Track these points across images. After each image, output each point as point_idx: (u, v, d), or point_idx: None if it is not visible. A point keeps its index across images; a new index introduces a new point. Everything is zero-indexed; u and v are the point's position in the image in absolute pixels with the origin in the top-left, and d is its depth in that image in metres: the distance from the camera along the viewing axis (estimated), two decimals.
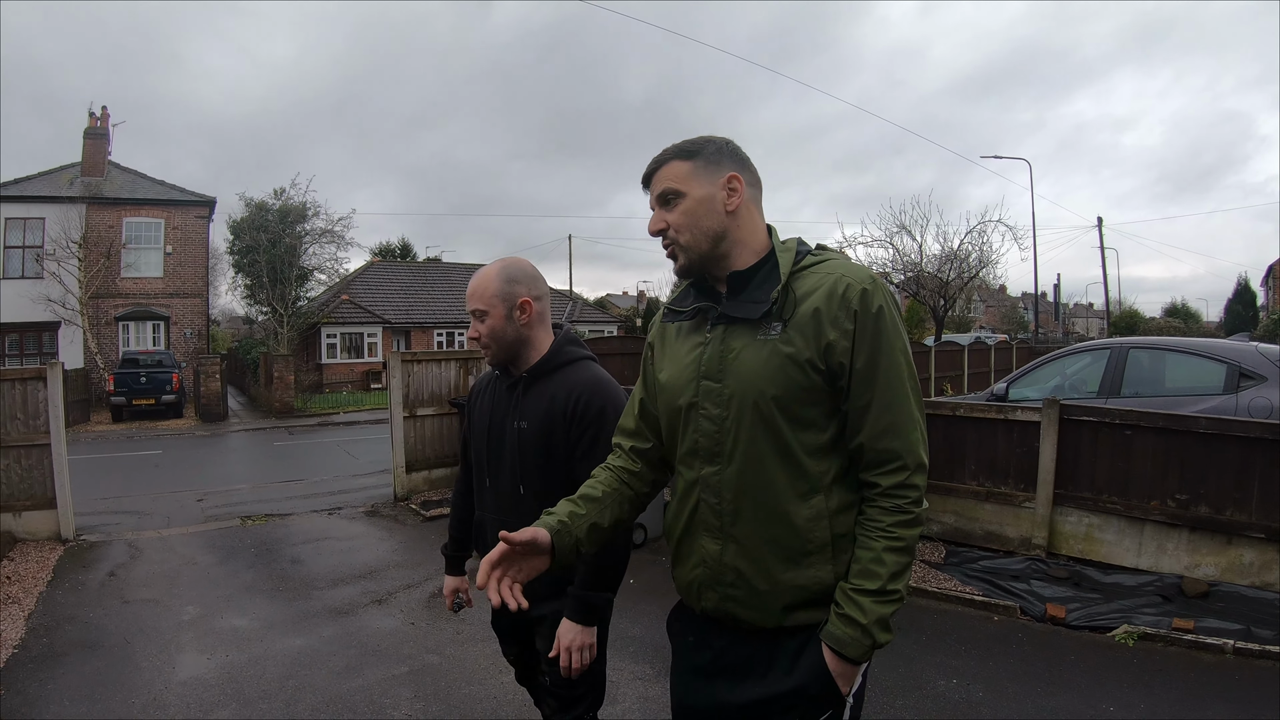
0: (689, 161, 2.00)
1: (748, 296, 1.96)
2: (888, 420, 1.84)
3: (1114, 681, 4.66)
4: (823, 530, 1.88)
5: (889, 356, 1.85)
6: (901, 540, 1.83)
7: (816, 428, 1.89)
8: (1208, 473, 6.05)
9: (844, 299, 1.85)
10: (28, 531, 8.28)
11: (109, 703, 4.63)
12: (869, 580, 1.83)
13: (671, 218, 2.00)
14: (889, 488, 1.85)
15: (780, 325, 1.90)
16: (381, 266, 44.06)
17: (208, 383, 24.16)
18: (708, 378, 1.97)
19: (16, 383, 8.31)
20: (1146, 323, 48.85)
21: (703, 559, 2.01)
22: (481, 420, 2.82)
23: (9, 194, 27.90)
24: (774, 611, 1.91)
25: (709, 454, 1.97)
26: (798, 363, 1.86)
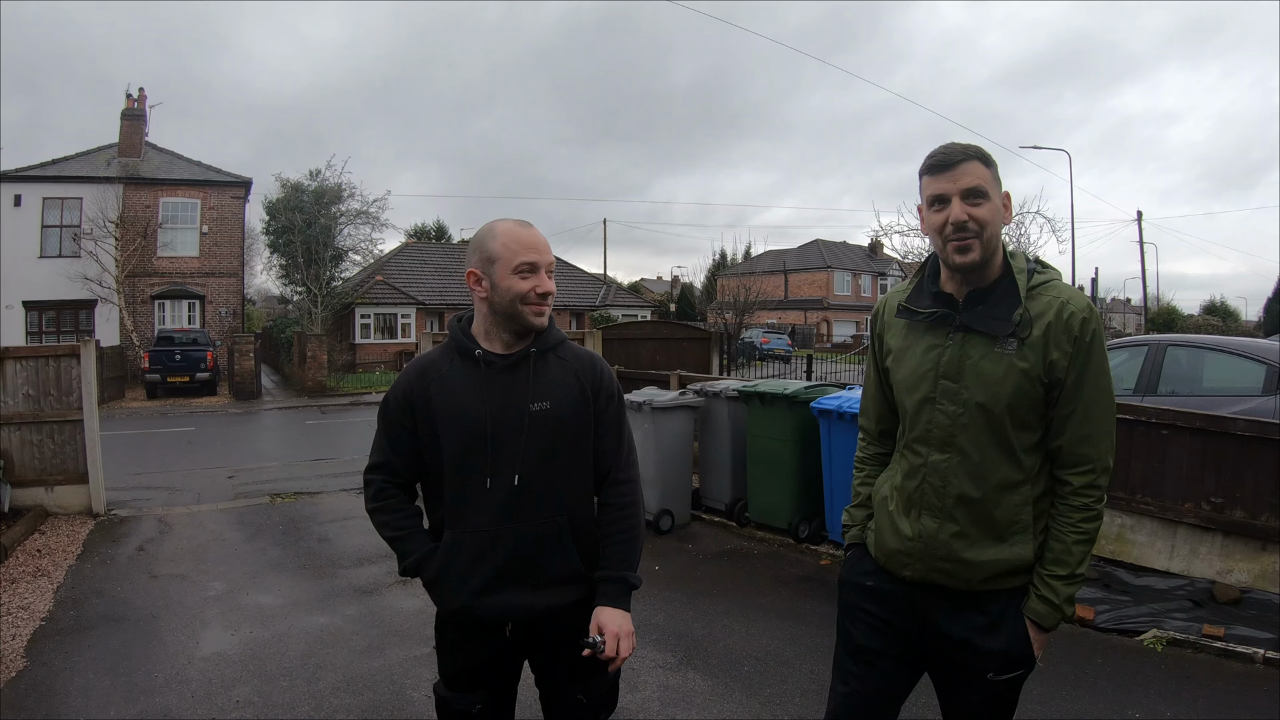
0: (989, 169, 2.19)
1: (988, 311, 2.20)
2: (1087, 429, 2.15)
3: (1140, 687, 4.58)
4: (1027, 514, 2.20)
5: (1095, 376, 2.15)
6: (1087, 534, 2.17)
7: (1031, 429, 2.19)
8: (1244, 476, 5.92)
9: (1067, 325, 2.13)
10: (59, 505, 8.39)
11: (132, 675, 4.68)
12: (1060, 567, 2.17)
13: (978, 213, 2.16)
14: (1080, 487, 2.17)
15: (1017, 342, 2.15)
16: (416, 248, 44.32)
17: (242, 361, 24.42)
18: (946, 378, 2.23)
19: (51, 359, 8.42)
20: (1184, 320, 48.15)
21: (919, 534, 2.26)
22: (470, 409, 2.34)
23: (47, 174, 28.32)
24: (976, 579, 2.20)
25: (941, 443, 2.24)
26: (1029, 376, 2.14)
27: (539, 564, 2.34)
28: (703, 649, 5.10)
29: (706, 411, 8.18)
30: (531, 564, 2.33)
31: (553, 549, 2.35)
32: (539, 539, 2.34)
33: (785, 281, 61.47)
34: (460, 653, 2.44)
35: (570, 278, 43.37)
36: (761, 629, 5.42)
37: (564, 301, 40.57)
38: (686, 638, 5.28)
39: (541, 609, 2.35)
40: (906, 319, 2.36)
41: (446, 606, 2.40)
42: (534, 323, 2.36)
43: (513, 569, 2.32)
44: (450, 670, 2.49)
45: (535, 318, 2.36)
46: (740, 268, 59.26)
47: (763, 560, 7.03)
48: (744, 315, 34.96)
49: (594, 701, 2.47)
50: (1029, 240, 29.89)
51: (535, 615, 2.35)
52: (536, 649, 2.45)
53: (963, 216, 2.15)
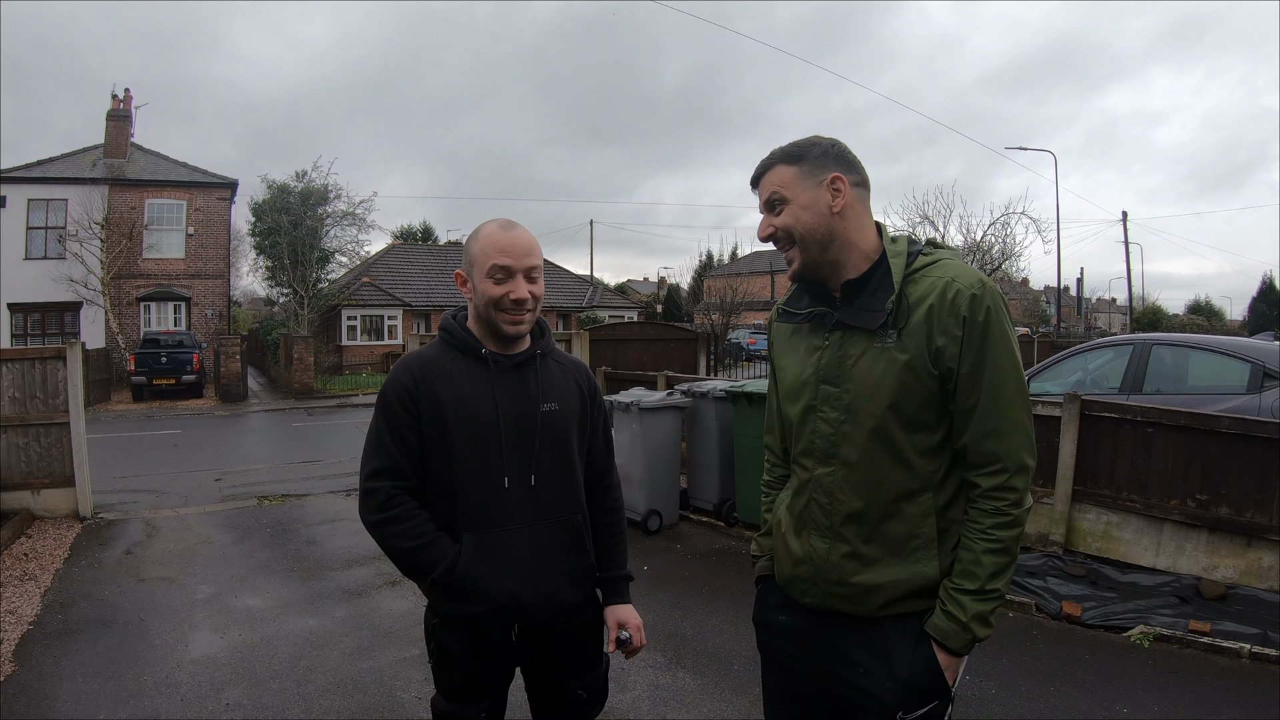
0: (794, 166, 2.03)
1: (863, 304, 2.00)
2: (991, 423, 1.91)
3: (1128, 682, 4.61)
4: (929, 526, 1.96)
5: (994, 361, 1.91)
6: (999, 542, 1.90)
7: (929, 429, 1.96)
8: (1229, 473, 5.97)
9: (953, 305, 1.90)
10: (46, 509, 8.35)
11: (121, 679, 4.66)
12: (969, 580, 1.91)
13: (778, 222, 2.04)
14: (988, 489, 1.92)
15: (895, 333, 1.94)
16: (402, 249, 44.21)
17: (228, 363, 24.31)
18: (826, 382, 2.04)
19: (37, 362, 8.38)
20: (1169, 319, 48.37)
21: (809, 556, 2.07)
22: (482, 408, 2.29)
23: (32, 175, 28.15)
24: (875, 605, 1.98)
25: (824, 455, 2.04)
26: (913, 369, 1.92)
27: (559, 562, 2.35)
28: (692, 648, 5.11)
29: (694, 412, 8.20)
30: (552, 562, 2.33)
31: (572, 546, 2.38)
32: (560, 537, 2.35)
33: (772, 282, 61.48)
34: (461, 663, 2.36)
35: (557, 279, 43.33)
36: (750, 628, 5.41)
37: (550, 303, 40.51)
38: (676, 637, 5.29)
39: (559, 606, 2.36)
40: (787, 323, 2.22)
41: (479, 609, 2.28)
42: (506, 330, 2.29)
43: (537, 568, 2.30)
44: (453, 683, 2.39)
45: (508, 325, 2.28)
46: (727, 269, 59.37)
47: (751, 559, 7.03)
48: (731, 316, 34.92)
49: (593, 696, 2.49)
50: (1014, 240, 30.05)
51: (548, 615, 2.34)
52: (537, 649, 2.41)
53: (764, 230, 2.09)
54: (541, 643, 2.40)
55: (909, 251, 2.02)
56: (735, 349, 36.58)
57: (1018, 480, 1.91)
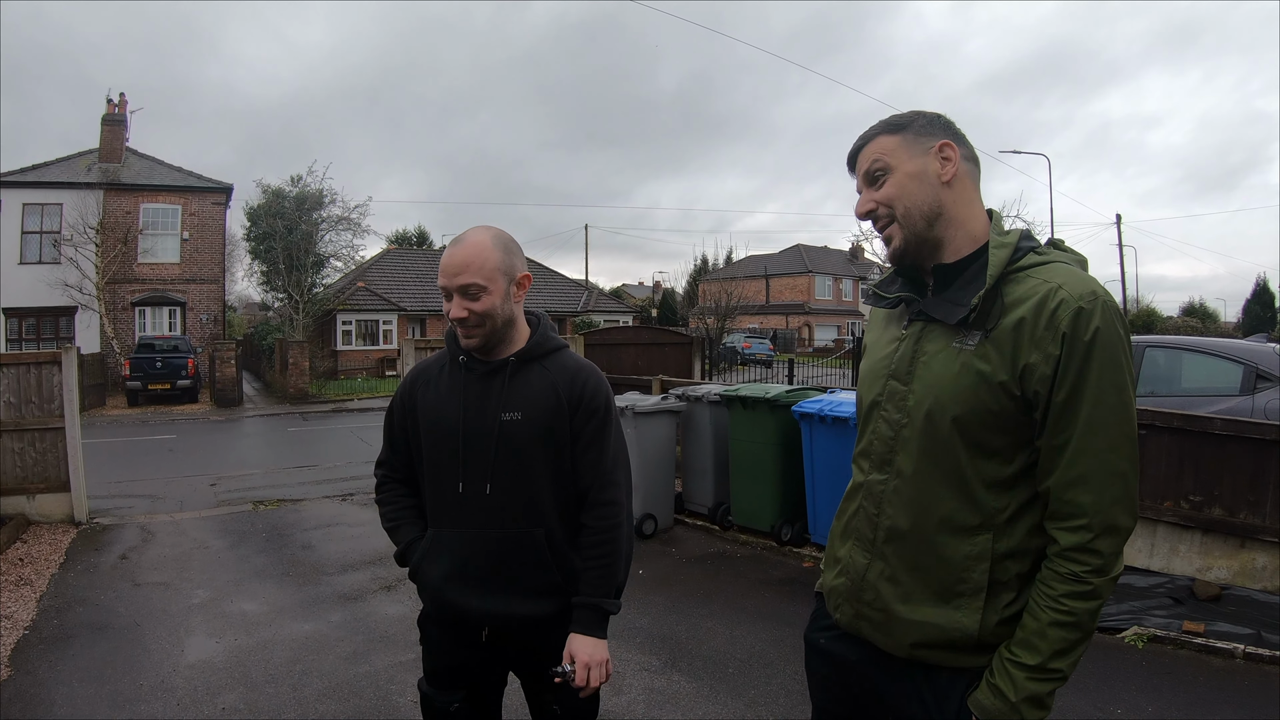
0: (897, 135, 1.80)
1: (951, 295, 1.75)
2: (1082, 468, 1.59)
3: (1122, 684, 4.63)
4: (980, 573, 1.68)
5: (1097, 393, 1.59)
6: (1072, 614, 1.59)
7: (1000, 458, 1.68)
8: (1222, 475, 6.00)
9: (1053, 316, 1.60)
10: (41, 514, 8.34)
11: (117, 684, 4.66)
12: (1028, 654, 1.62)
13: (880, 195, 1.80)
14: (1067, 548, 1.61)
15: (980, 335, 1.68)
16: (397, 254, 44.22)
17: (223, 368, 24.28)
18: (895, 378, 1.81)
19: (31, 366, 8.37)
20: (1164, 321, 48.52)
21: (847, 569, 1.87)
22: (446, 414, 2.35)
23: (27, 180, 28.11)
24: (903, 644, 1.76)
25: (880, 460, 1.83)
26: (990, 383, 1.65)
27: (515, 573, 2.32)
28: (687, 651, 5.12)
29: (689, 416, 8.21)
30: (507, 572, 2.31)
31: (529, 560, 2.32)
32: (515, 549, 2.31)
33: (767, 286, 61.63)
34: (439, 651, 2.47)
35: (551, 283, 43.38)
36: (745, 631, 5.44)
37: (545, 307, 40.53)
38: (671, 640, 5.29)
39: (519, 618, 2.33)
40: (876, 306, 2.00)
41: (425, 597, 2.45)
42: (464, 344, 2.36)
43: (487, 575, 2.31)
44: (431, 667, 2.51)
45: (464, 339, 2.34)
46: (722, 273, 59.51)
47: (746, 563, 7.05)
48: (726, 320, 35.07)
49: (569, 713, 2.45)
50: None
51: (511, 624, 2.34)
52: (519, 656, 2.44)
53: (864, 206, 1.84)
54: (516, 652, 2.43)
55: (1019, 246, 1.74)
56: (730, 353, 36.67)
57: (1104, 543, 1.59)
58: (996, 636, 1.69)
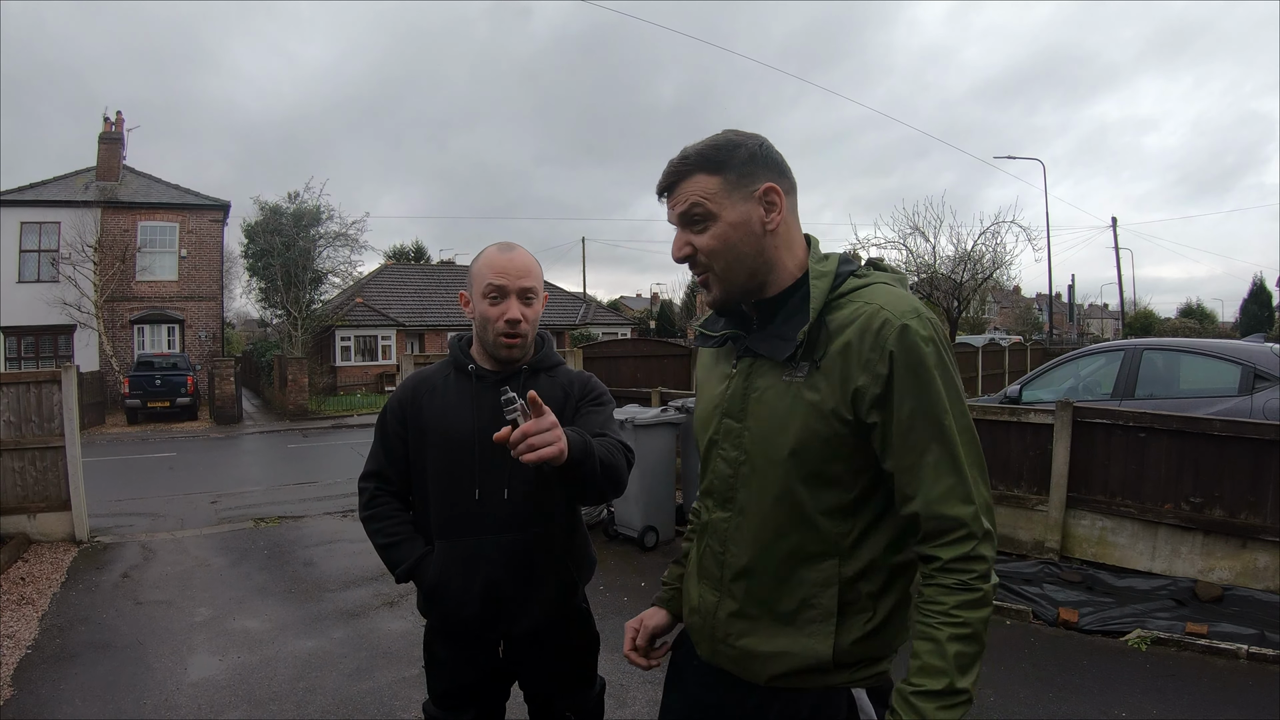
0: (717, 176, 1.68)
1: (776, 330, 1.71)
2: (945, 483, 1.55)
3: (1126, 686, 4.63)
4: (829, 598, 1.64)
5: (937, 406, 1.56)
6: (968, 626, 1.51)
7: (841, 486, 1.64)
8: (1222, 475, 6.01)
9: (878, 336, 1.57)
10: (42, 533, 8.33)
11: (121, 703, 4.65)
12: (932, 679, 1.49)
13: (701, 242, 1.70)
14: (950, 561, 1.54)
15: (808, 366, 1.64)
16: (395, 269, 44.28)
17: (222, 385, 24.27)
18: (729, 415, 1.76)
19: (31, 385, 8.37)
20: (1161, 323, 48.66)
21: (698, 608, 1.84)
22: (458, 423, 2.36)
23: (25, 198, 28.18)
24: (762, 676, 1.70)
25: (721, 498, 1.78)
26: (822, 412, 1.60)
27: (533, 576, 2.34)
28: None
29: (688, 428, 8.19)
30: (525, 577, 2.33)
31: (546, 563, 2.35)
32: (531, 552, 2.33)
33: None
34: (450, 671, 2.44)
35: (549, 297, 43.36)
36: None
37: (544, 321, 40.12)
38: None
39: (538, 624, 2.35)
40: (704, 345, 1.96)
41: (444, 614, 2.38)
42: (502, 354, 2.34)
43: (507, 581, 2.31)
44: (440, 689, 2.48)
45: (503, 349, 2.33)
46: None
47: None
48: None
49: (581, 718, 2.48)
50: (1005, 249, 30.11)
51: (532, 628, 2.35)
52: (528, 665, 2.45)
53: (681, 250, 1.72)
54: (528, 659, 2.43)
55: (838, 272, 1.70)
56: None
57: (985, 548, 1.55)
58: (852, 656, 1.65)
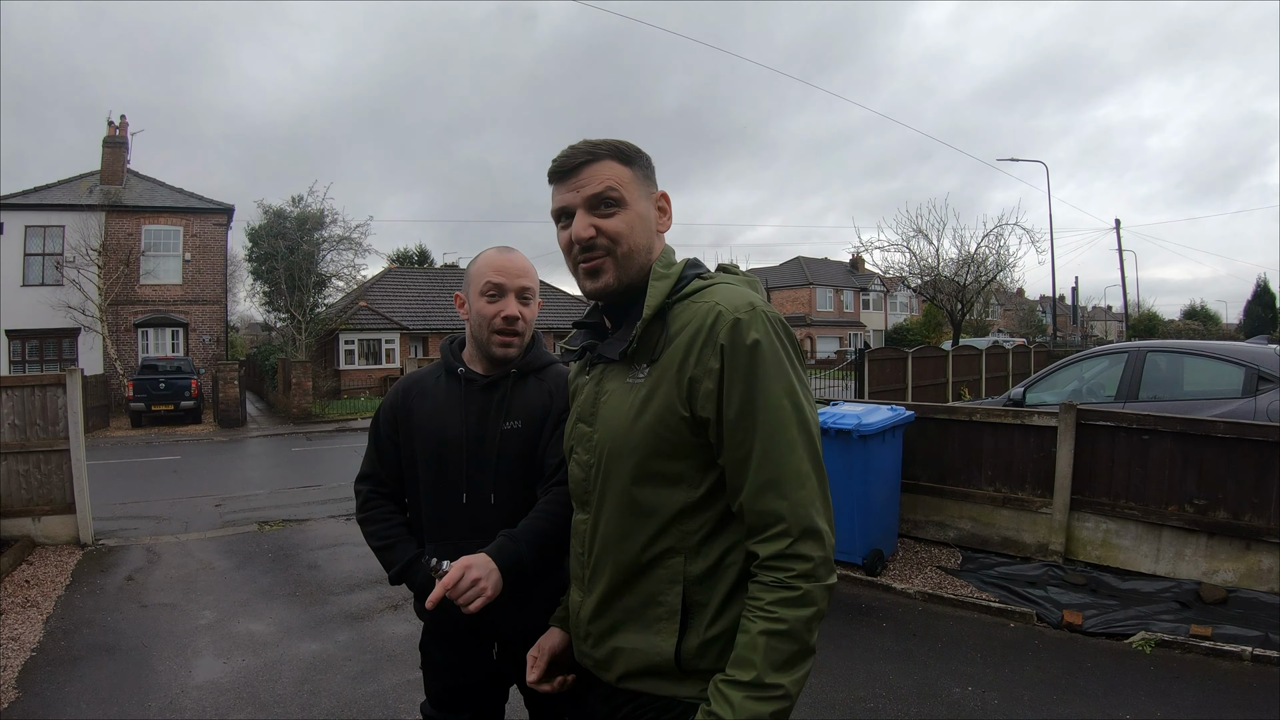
0: (629, 168, 1.76)
1: (621, 333, 1.77)
2: (767, 476, 1.55)
3: (1130, 689, 4.63)
4: (674, 596, 1.65)
5: (767, 399, 1.57)
6: (783, 622, 1.50)
7: (686, 483, 1.65)
8: (1226, 477, 6.00)
9: (711, 332, 1.59)
10: (46, 536, 8.34)
11: (125, 705, 4.66)
12: (742, 670, 1.51)
13: (609, 225, 1.72)
14: (767, 559, 1.54)
15: (647, 366, 1.68)
16: (399, 273, 44.27)
17: (226, 389, 24.30)
18: (582, 420, 1.83)
19: (36, 389, 8.38)
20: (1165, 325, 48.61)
21: (571, 608, 1.90)
22: (447, 425, 2.37)
23: (29, 202, 28.19)
24: (613, 674, 1.74)
25: (580, 501, 1.85)
26: (660, 410, 1.63)
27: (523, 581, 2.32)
28: None
29: None
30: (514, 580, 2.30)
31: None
32: None
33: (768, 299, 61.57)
34: (446, 672, 2.46)
35: (553, 300, 43.36)
36: None
37: (547, 324, 40.53)
38: None
39: (530, 625, 2.35)
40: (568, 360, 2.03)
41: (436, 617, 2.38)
42: (498, 353, 2.34)
43: None
44: (436, 690, 2.49)
45: (499, 348, 2.34)
46: None
47: None
48: None
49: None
50: (1008, 251, 30.14)
51: (524, 630, 2.32)
52: (522, 668, 2.44)
53: (587, 232, 1.72)
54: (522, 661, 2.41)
55: (683, 275, 1.76)
56: None
57: (805, 546, 1.53)
58: (701, 660, 1.64)
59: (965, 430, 7.41)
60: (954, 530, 7.42)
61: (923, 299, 32.30)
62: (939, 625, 5.70)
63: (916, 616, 5.87)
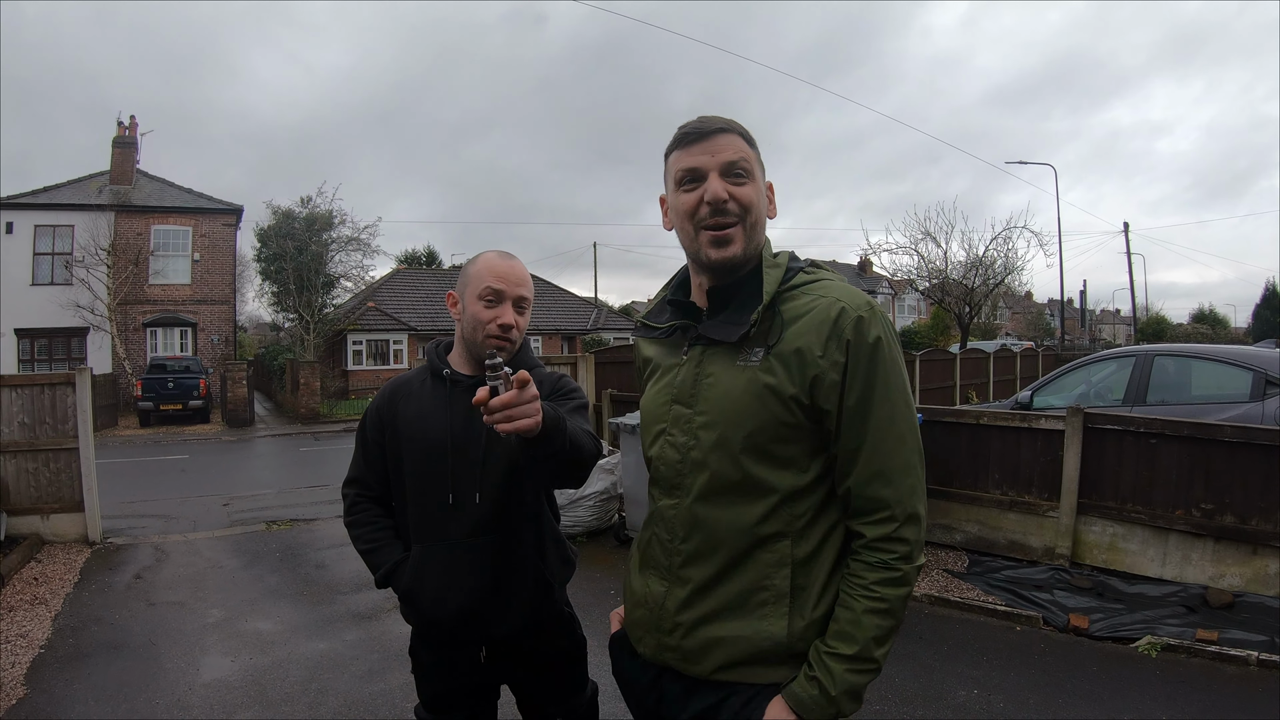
0: (753, 149, 1.78)
1: (728, 317, 1.76)
2: (878, 465, 1.65)
3: (1136, 693, 4.62)
4: (782, 579, 1.68)
5: (884, 394, 1.65)
6: (885, 601, 1.62)
7: (796, 468, 1.69)
8: (1233, 482, 5.99)
9: (836, 326, 1.65)
10: (55, 534, 8.38)
11: (133, 703, 4.68)
12: (845, 644, 1.61)
13: (742, 193, 1.73)
14: (874, 540, 1.64)
15: (763, 351, 1.69)
16: (407, 274, 44.34)
17: (234, 388, 24.36)
18: (679, 402, 1.79)
19: (46, 388, 8.43)
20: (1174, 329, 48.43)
21: (646, 599, 1.84)
22: (432, 427, 2.37)
23: (39, 202, 28.35)
24: (708, 666, 1.72)
25: (669, 485, 1.80)
26: (779, 396, 1.66)
27: (507, 578, 2.34)
28: None
29: None
30: (500, 578, 2.33)
31: (522, 566, 2.36)
32: (505, 554, 2.34)
33: None
34: (436, 675, 2.47)
35: (561, 302, 43.43)
36: None
37: (555, 325, 40.60)
38: None
39: (516, 626, 2.36)
40: (645, 337, 1.99)
41: (420, 620, 2.41)
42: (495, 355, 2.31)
43: (482, 584, 2.32)
44: (428, 693, 2.50)
45: (495, 348, 2.31)
46: None
47: None
48: None
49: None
50: (1016, 254, 30.03)
51: (510, 632, 2.36)
52: (513, 669, 2.46)
53: (723, 194, 1.71)
54: (511, 663, 2.44)
55: (789, 266, 1.80)
56: None
57: (908, 531, 1.65)
58: (804, 642, 1.68)
59: (972, 433, 7.40)
60: (961, 533, 7.41)
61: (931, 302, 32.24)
62: (945, 628, 5.69)
63: (923, 619, 5.87)
